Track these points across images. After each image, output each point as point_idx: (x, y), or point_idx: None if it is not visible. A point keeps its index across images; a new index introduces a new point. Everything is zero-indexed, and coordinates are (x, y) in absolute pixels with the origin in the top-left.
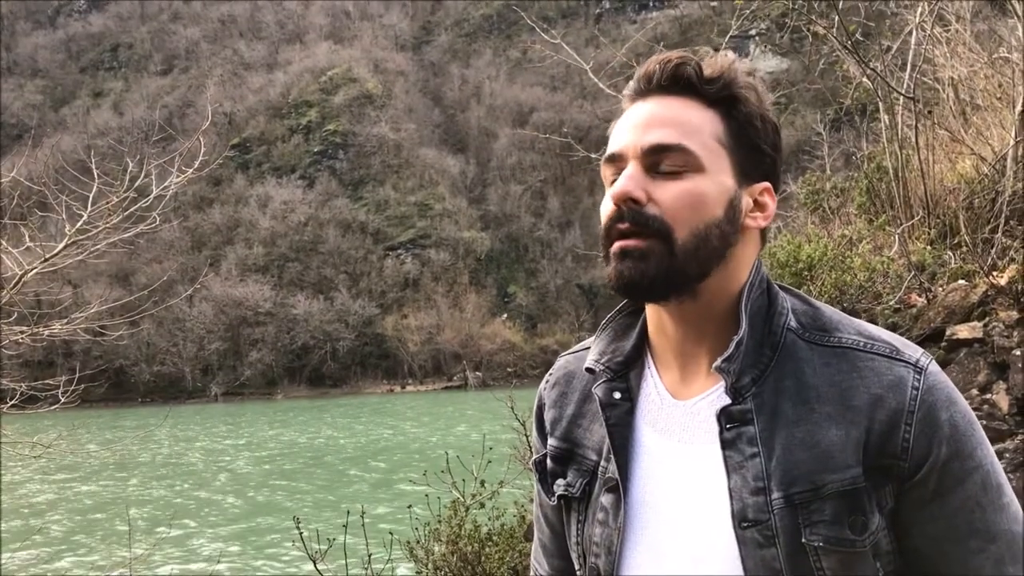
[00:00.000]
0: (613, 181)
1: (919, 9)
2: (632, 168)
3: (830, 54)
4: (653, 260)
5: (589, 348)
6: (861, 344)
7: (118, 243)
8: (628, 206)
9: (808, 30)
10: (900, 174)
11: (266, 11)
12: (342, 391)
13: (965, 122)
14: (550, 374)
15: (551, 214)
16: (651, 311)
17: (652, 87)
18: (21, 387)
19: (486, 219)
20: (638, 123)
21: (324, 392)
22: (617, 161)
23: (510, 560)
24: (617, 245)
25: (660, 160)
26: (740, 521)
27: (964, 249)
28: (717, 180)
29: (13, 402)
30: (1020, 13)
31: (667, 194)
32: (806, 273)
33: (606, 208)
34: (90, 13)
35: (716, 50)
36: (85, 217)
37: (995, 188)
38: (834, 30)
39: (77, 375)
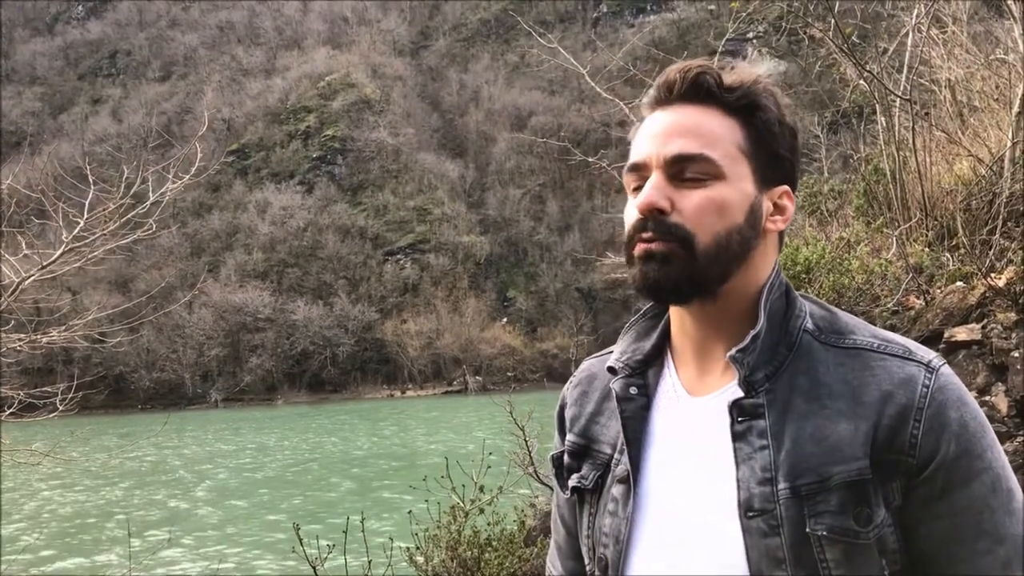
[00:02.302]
0: (636, 188)
1: (915, 11)
2: (656, 178)
3: (827, 57)
4: (676, 263)
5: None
6: (875, 345)
7: (116, 250)
8: (653, 215)
9: (805, 33)
10: (897, 176)
11: (264, 17)
12: (342, 396)
13: (962, 124)
14: (574, 376)
15: (550, 218)
16: (674, 312)
17: (673, 96)
18: (19, 395)
19: (485, 223)
20: (660, 132)
21: (324, 397)
22: (640, 170)
23: (509, 566)
24: (641, 248)
25: (683, 169)
26: (746, 510)
27: (962, 251)
28: (738, 187)
29: (11, 410)
30: (1017, 15)
31: (690, 202)
32: (804, 276)
33: (631, 216)
34: (88, 20)
35: (713, 53)
36: (82, 224)
37: (992, 190)
38: (830, 33)
39: (75, 382)
